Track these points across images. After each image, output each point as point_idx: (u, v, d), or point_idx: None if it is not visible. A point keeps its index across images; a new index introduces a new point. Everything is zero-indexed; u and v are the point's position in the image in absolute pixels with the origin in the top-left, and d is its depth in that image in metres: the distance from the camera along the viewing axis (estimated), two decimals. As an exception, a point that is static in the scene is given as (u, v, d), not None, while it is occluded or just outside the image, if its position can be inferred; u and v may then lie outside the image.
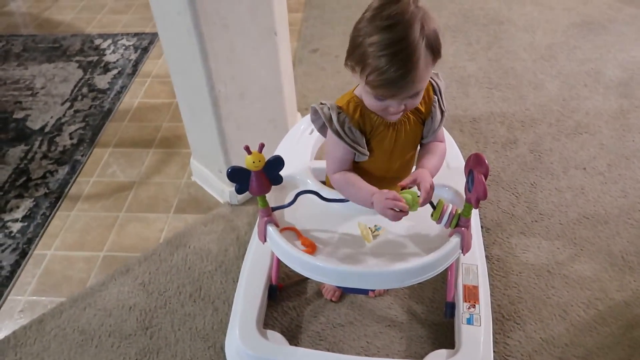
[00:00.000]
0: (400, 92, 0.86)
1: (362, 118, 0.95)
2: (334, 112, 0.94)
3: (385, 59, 0.83)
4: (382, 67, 0.83)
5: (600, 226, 1.43)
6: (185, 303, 1.30)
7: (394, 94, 0.87)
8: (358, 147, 0.95)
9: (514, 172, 1.61)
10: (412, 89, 0.87)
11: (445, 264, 0.94)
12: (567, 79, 1.98)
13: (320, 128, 1.00)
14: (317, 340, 1.20)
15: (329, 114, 0.95)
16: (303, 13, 2.51)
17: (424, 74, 0.86)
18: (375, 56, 0.83)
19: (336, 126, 0.94)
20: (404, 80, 0.84)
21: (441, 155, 1.02)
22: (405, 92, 0.87)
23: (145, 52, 2.32)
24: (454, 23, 2.35)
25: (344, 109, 0.95)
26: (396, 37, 0.82)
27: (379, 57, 0.83)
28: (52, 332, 1.26)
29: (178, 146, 1.80)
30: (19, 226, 1.55)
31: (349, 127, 0.94)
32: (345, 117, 0.94)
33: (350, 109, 0.95)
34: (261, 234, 1.00)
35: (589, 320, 1.22)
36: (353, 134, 0.95)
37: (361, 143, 0.96)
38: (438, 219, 0.96)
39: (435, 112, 0.98)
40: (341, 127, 0.94)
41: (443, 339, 1.18)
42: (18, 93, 2.11)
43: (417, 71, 0.84)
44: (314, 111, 0.97)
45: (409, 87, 0.86)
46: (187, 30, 1.22)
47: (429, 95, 0.98)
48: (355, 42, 0.87)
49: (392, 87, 0.85)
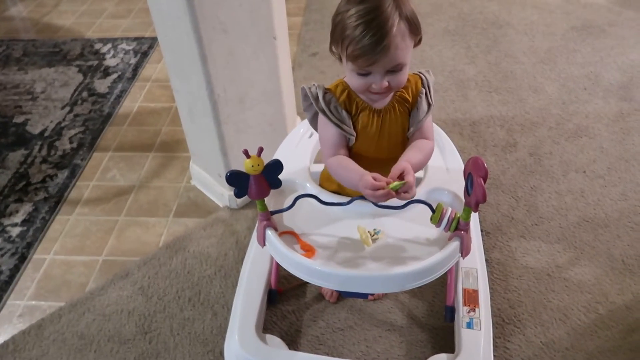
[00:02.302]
0: (377, 59, 0.88)
1: (349, 100, 0.99)
2: (320, 92, 0.98)
3: (361, 27, 0.87)
4: (358, 36, 0.87)
5: (601, 229, 1.43)
6: (184, 307, 1.30)
7: (372, 62, 0.89)
8: (344, 127, 0.98)
9: (513, 175, 1.61)
10: (390, 58, 0.89)
11: (445, 267, 0.94)
12: (567, 82, 1.98)
13: (312, 118, 1.04)
14: (317, 345, 1.19)
15: (315, 93, 0.99)
16: (303, 17, 2.52)
17: (400, 43, 0.88)
18: (352, 27, 0.88)
19: (322, 104, 0.98)
20: (380, 46, 0.87)
21: (426, 153, 1.01)
22: (383, 60, 0.88)
23: (145, 57, 2.32)
24: (453, 27, 2.35)
25: (331, 89, 1.00)
26: (370, 7, 0.87)
27: (354, 27, 0.87)
28: (51, 337, 1.25)
29: (177, 150, 1.80)
30: (18, 230, 1.54)
31: (335, 106, 0.98)
32: (331, 97, 0.98)
33: (338, 91, 0.99)
34: (260, 238, 1.00)
35: (590, 324, 1.21)
36: (339, 112, 0.98)
37: (347, 123, 0.98)
38: (437, 222, 0.95)
39: (421, 103, 1.00)
40: (327, 106, 0.98)
41: (443, 343, 1.18)
42: (18, 97, 2.11)
43: (391, 37, 0.87)
44: (304, 94, 1.00)
45: (386, 54, 0.88)
46: (186, 35, 1.22)
47: (417, 86, 1.01)
48: (335, 21, 0.92)
49: (370, 54, 0.88)
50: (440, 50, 2.20)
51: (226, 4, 1.22)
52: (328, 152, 1.02)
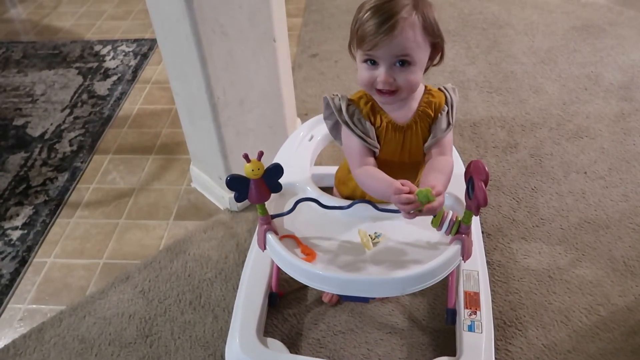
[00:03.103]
0: (381, 39, 0.87)
1: (372, 112, 0.98)
2: (344, 103, 0.98)
3: (371, 11, 0.88)
4: (368, 19, 0.88)
5: (602, 231, 1.43)
6: (185, 311, 1.29)
7: (376, 43, 0.88)
8: (367, 139, 0.97)
9: (514, 176, 1.60)
10: (395, 43, 0.87)
11: (446, 271, 0.94)
12: (567, 82, 1.98)
13: (332, 127, 1.03)
14: (318, 348, 1.19)
15: (339, 105, 0.98)
16: (302, 18, 2.52)
17: (408, 31, 0.87)
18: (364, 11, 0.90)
19: (345, 116, 0.97)
20: (385, 25, 0.86)
21: (447, 173, 0.97)
22: (387, 42, 0.87)
23: (145, 58, 2.32)
24: (453, 27, 2.35)
25: (354, 101, 0.99)
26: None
27: (366, 10, 0.89)
28: (51, 341, 1.25)
29: (178, 152, 1.80)
30: (18, 234, 1.54)
31: (359, 118, 0.97)
32: (355, 109, 0.98)
33: (362, 102, 0.99)
34: (261, 242, 1.00)
35: (591, 326, 1.21)
36: (363, 125, 0.97)
37: (371, 135, 0.98)
38: (438, 225, 0.95)
39: (441, 119, 0.99)
40: (350, 118, 0.97)
41: (444, 346, 1.17)
42: (18, 100, 2.11)
43: (398, 20, 0.86)
44: (326, 103, 1.00)
45: (390, 34, 0.87)
46: (185, 37, 1.22)
47: (440, 102, 1.00)
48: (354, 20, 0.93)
49: (374, 33, 0.87)
50: (440, 50, 2.20)
51: (226, 6, 1.22)
52: (355, 163, 1.00)
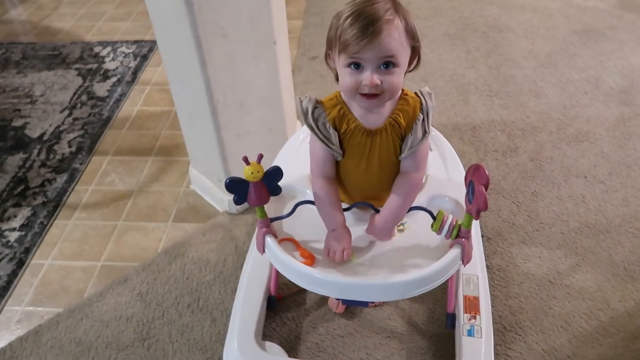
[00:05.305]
0: (369, 42, 0.86)
1: (340, 117, 0.97)
2: (311, 106, 0.97)
3: (353, 15, 0.87)
4: (351, 24, 0.87)
5: (602, 235, 1.42)
6: (183, 314, 1.29)
7: (363, 46, 0.87)
8: (330, 144, 0.96)
9: (514, 180, 1.60)
10: (382, 46, 0.87)
11: (446, 275, 0.93)
12: (567, 86, 1.98)
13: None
14: (317, 352, 1.19)
15: (306, 107, 0.97)
16: (303, 20, 2.51)
17: (393, 32, 0.87)
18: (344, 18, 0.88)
19: (310, 120, 0.96)
20: (372, 28, 0.85)
21: (408, 196, 0.98)
22: (374, 45, 0.86)
23: (145, 60, 2.32)
24: (453, 31, 2.34)
25: (323, 104, 0.98)
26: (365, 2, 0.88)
27: (346, 17, 0.88)
28: (48, 344, 1.24)
29: (177, 154, 1.79)
30: (16, 235, 1.54)
31: (323, 122, 0.96)
32: (321, 113, 0.97)
33: (330, 105, 0.97)
34: (260, 245, 0.99)
35: (591, 332, 1.21)
36: (327, 130, 0.96)
37: (334, 141, 0.96)
38: (438, 229, 0.95)
39: (417, 130, 0.96)
40: (315, 122, 0.96)
41: (444, 351, 1.17)
42: (17, 101, 2.10)
43: (383, 22, 0.86)
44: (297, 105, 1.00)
45: (377, 37, 0.86)
46: (185, 39, 1.22)
47: (414, 111, 0.97)
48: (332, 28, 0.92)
49: (361, 36, 0.86)
50: (440, 54, 2.20)
51: (226, 9, 1.21)
52: (316, 169, 1.00)
